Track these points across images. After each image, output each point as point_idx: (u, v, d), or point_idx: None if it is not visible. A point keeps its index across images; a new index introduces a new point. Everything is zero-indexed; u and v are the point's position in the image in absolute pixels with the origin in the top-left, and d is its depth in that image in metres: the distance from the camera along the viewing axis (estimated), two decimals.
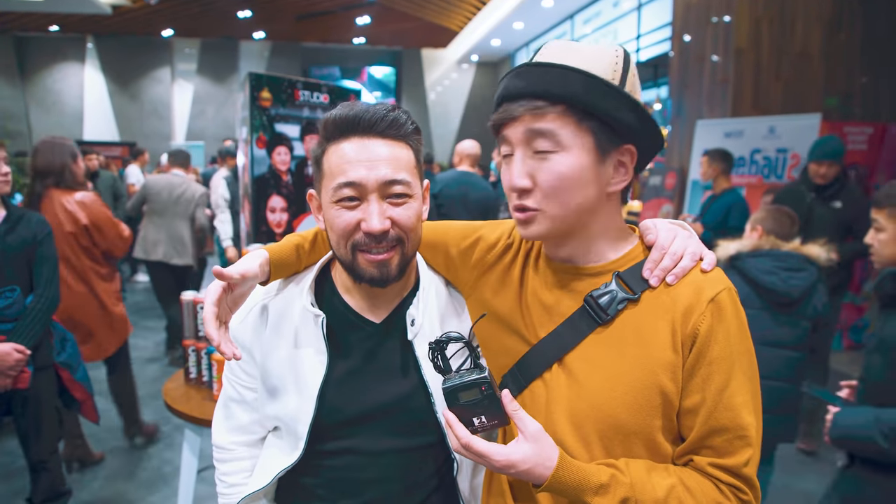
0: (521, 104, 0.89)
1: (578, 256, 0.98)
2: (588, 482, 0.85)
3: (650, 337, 0.89)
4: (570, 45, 0.91)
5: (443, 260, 1.18)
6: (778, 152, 5.24)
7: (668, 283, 0.91)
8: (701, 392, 0.88)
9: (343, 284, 1.15)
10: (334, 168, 1.03)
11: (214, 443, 1.22)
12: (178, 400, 2.23)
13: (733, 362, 0.88)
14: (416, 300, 1.13)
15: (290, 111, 3.17)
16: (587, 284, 0.96)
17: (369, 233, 1.01)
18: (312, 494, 1.13)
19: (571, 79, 0.87)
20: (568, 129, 0.88)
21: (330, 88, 3.35)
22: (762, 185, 5.32)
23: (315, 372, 1.08)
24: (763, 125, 5.36)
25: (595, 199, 0.92)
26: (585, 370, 0.93)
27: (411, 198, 1.05)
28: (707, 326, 0.87)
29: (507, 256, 1.09)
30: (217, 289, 1.01)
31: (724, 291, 0.89)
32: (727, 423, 0.87)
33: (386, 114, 1.03)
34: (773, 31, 5.71)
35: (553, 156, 0.88)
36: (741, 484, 0.88)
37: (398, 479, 1.11)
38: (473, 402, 0.88)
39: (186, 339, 2.39)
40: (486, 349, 1.08)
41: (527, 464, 0.85)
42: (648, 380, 0.89)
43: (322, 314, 1.09)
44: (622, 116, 0.88)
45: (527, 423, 0.88)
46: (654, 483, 0.86)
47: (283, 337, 1.12)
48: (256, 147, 3.06)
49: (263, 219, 3.12)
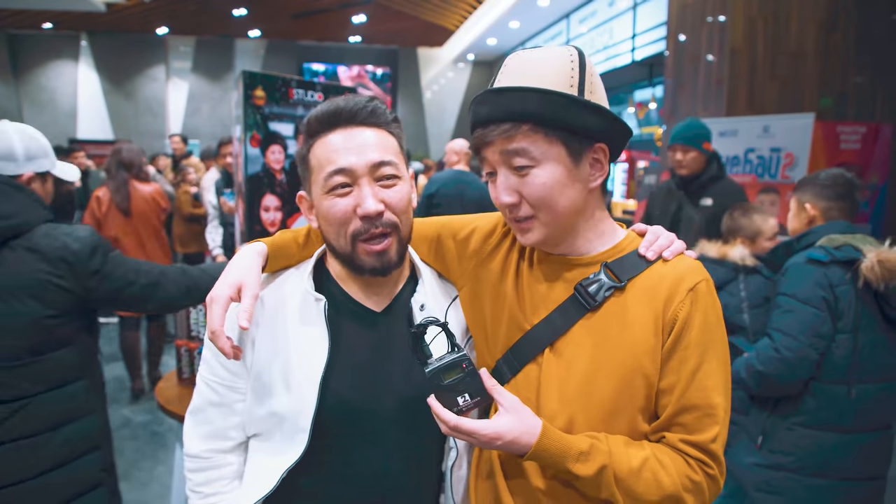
0: (491, 129, 0.96)
1: (570, 249, 1.04)
2: (570, 449, 0.92)
3: (634, 322, 0.97)
4: (527, 60, 0.97)
5: (437, 252, 1.21)
6: (772, 151, 5.26)
7: (665, 258, 1.00)
8: (676, 373, 0.95)
9: (340, 275, 1.14)
10: (322, 160, 1.05)
11: (186, 452, 1.16)
12: (172, 400, 2.22)
13: (707, 348, 0.95)
14: (420, 286, 1.15)
15: (284, 109, 3.15)
16: (577, 274, 1.03)
17: (366, 216, 1.02)
18: (314, 496, 1.08)
19: (529, 99, 0.93)
20: (538, 145, 0.95)
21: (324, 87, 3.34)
22: (756, 185, 5.34)
23: (317, 359, 1.05)
24: (757, 125, 5.38)
25: (580, 198, 1.00)
26: (574, 353, 1.00)
27: (401, 179, 1.08)
28: (686, 313, 0.95)
29: (505, 244, 1.14)
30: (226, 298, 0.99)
31: (702, 282, 0.97)
32: (698, 402, 0.94)
33: (366, 104, 1.07)
34: (768, 30, 5.73)
35: (531, 170, 0.96)
36: (707, 458, 0.95)
37: (402, 473, 1.09)
38: (456, 381, 0.93)
39: (179, 339, 2.38)
40: (484, 334, 1.12)
41: (512, 434, 0.91)
42: (631, 363, 0.96)
43: (323, 298, 1.08)
44: (585, 122, 0.95)
45: (505, 397, 0.95)
46: (630, 454, 0.93)
47: (279, 328, 1.09)
48: (250, 146, 3.05)
49: (257, 218, 3.10)
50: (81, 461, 1.56)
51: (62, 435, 1.51)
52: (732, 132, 5.55)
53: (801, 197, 2.21)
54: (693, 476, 0.93)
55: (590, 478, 0.92)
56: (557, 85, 0.94)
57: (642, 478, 0.92)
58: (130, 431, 3.86)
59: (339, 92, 3.43)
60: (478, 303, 1.14)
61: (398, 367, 1.10)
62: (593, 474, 0.91)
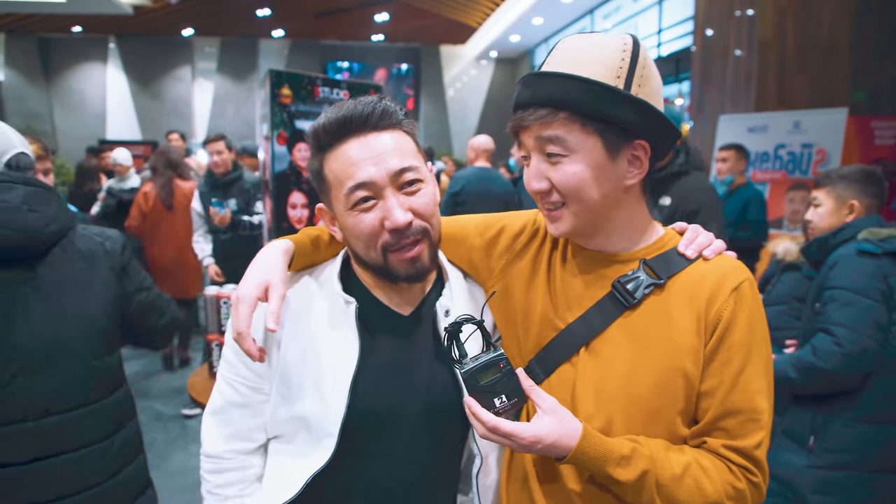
0: (529, 113, 0.94)
1: (606, 245, 1.02)
2: (611, 453, 0.89)
3: (675, 322, 0.94)
4: (578, 47, 0.95)
5: (465, 252, 1.18)
6: (803, 147, 5.15)
7: (706, 257, 0.97)
8: (719, 375, 0.92)
9: (367, 280, 1.11)
10: (340, 174, 1.00)
11: (205, 452, 1.12)
12: (203, 393, 2.26)
13: (751, 349, 0.92)
14: (446, 291, 1.12)
15: (310, 108, 3.17)
16: (615, 271, 1.00)
17: (395, 229, 0.98)
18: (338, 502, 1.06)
19: (569, 86, 0.91)
20: (574, 134, 0.92)
21: (349, 84, 3.35)
22: (786, 181, 5.23)
23: (346, 362, 1.03)
24: (788, 120, 5.27)
25: (613, 194, 0.96)
26: (612, 353, 0.97)
27: (424, 182, 1.04)
28: (730, 313, 0.92)
29: (535, 243, 1.12)
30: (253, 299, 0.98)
31: (746, 282, 0.94)
32: (742, 406, 0.91)
33: (375, 106, 1.01)
34: (799, 23, 5.60)
35: (563, 159, 0.93)
36: (751, 465, 0.91)
37: (429, 480, 1.08)
38: (493, 382, 0.90)
39: (210, 334, 2.41)
40: (515, 334, 1.09)
41: (552, 436, 0.88)
42: (672, 363, 0.93)
43: (353, 301, 1.05)
44: (625, 116, 0.91)
45: (543, 398, 0.92)
46: (672, 459, 0.90)
47: (307, 328, 1.06)
48: (277, 143, 3.07)
49: (284, 215, 3.13)
50: (134, 465, 1.57)
51: (118, 441, 1.52)
52: (762, 128, 5.45)
53: (843, 193, 2.16)
54: (736, 483, 0.90)
55: (631, 483, 0.89)
56: (603, 75, 0.91)
57: (684, 484, 0.89)
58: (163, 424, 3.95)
59: (364, 89, 3.44)
60: (508, 302, 1.10)
61: (423, 372, 1.08)
62: (634, 479, 0.89)
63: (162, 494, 1.73)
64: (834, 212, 2.18)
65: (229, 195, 4.12)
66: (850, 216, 2.14)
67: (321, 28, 14.83)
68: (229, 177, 4.18)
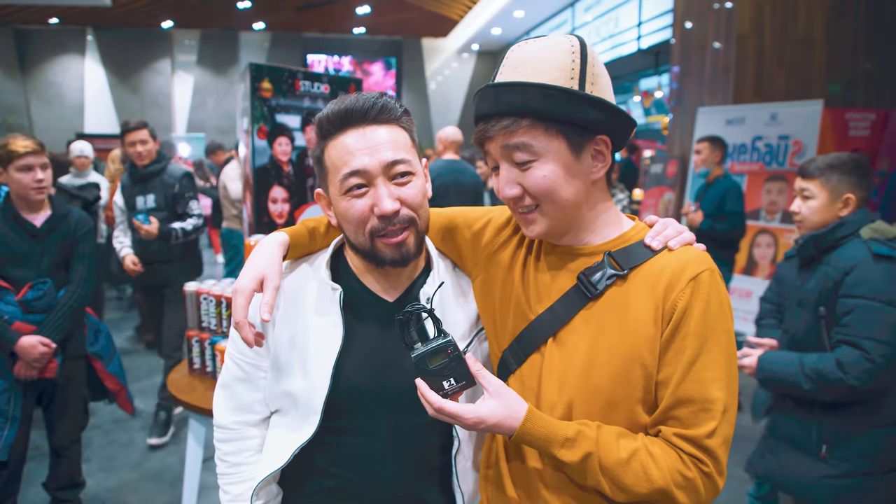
0: (492, 124, 0.97)
1: (575, 241, 1.05)
2: (555, 435, 0.93)
3: (633, 312, 0.96)
4: (528, 53, 0.98)
5: (453, 243, 1.24)
6: (780, 139, 5.23)
7: (671, 247, 0.99)
8: (674, 364, 0.93)
9: (357, 266, 1.19)
10: (337, 161, 1.07)
11: (216, 423, 1.24)
12: (183, 390, 2.25)
13: (707, 339, 0.93)
14: (430, 278, 1.18)
15: (290, 101, 3.16)
16: (581, 263, 1.04)
17: (383, 215, 1.05)
18: (325, 472, 1.15)
19: (529, 94, 0.94)
20: (539, 139, 0.95)
21: (330, 79, 3.34)
22: (764, 173, 5.31)
23: (330, 345, 1.11)
24: (765, 112, 5.35)
25: (582, 190, 1.00)
26: (575, 343, 1.00)
27: (415, 175, 1.10)
28: (685, 303, 0.93)
29: (515, 238, 1.16)
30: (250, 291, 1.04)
31: (706, 272, 0.95)
32: (694, 395, 0.92)
33: (376, 101, 1.08)
34: (776, 16, 5.68)
35: (532, 164, 0.96)
36: (703, 455, 0.92)
37: (408, 456, 1.14)
38: (442, 366, 0.95)
39: (190, 330, 2.41)
40: (494, 325, 1.14)
41: (494, 417, 0.93)
42: (630, 352, 0.95)
43: (339, 287, 1.13)
44: (585, 115, 0.95)
45: (490, 381, 0.96)
46: (621, 445, 0.93)
47: (298, 312, 1.15)
48: (258, 138, 3.06)
49: (265, 209, 3.12)
50: None
51: None
52: (739, 120, 5.52)
53: (837, 186, 2.01)
54: (685, 472, 0.91)
55: (574, 464, 0.93)
56: (557, 79, 0.94)
57: (630, 469, 0.91)
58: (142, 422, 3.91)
59: (345, 83, 3.43)
60: (488, 294, 1.16)
61: (403, 355, 1.12)
62: (577, 461, 0.92)
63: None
64: (828, 205, 2.03)
65: (148, 189, 3.70)
66: (845, 210, 2.01)
67: (302, 21, 14.72)
68: (149, 169, 3.69)
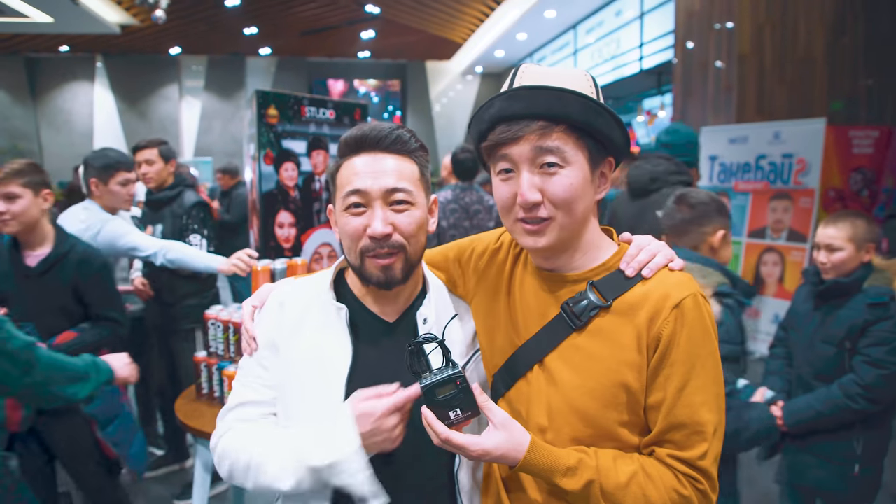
0: (524, 124, 0.96)
1: (564, 265, 1.07)
2: (558, 464, 0.95)
3: (618, 340, 0.98)
4: (547, 70, 1.01)
5: (449, 276, 1.28)
6: (784, 157, 5.24)
7: (644, 276, 1.00)
8: (663, 390, 0.96)
9: (358, 288, 1.22)
10: (344, 180, 1.14)
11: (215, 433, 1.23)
12: (190, 415, 2.25)
13: (693, 364, 0.95)
14: (426, 301, 1.20)
15: (296, 127, 3.21)
16: (567, 292, 1.05)
17: (373, 236, 1.09)
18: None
19: (568, 100, 0.95)
20: (570, 146, 0.97)
21: (335, 104, 3.39)
22: (768, 191, 5.32)
23: (341, 363, 1.13)
24: (768, 131, 5.37)
25: (590, 208, 1.02)
26: (561, 370, 1.02)
27: (413, 206, 1.13)
28: (669, 331, 0.95)
29: (497, 259, 1.19)
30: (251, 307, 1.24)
31: (688, 298, 0.96)
32: (685, 420, 0.95)
33: (390, 131, 1.14)
34: (776, 36, 5.73)
35: (561, 170, 0.97)
36: (697, 475, 0.95)
37: (414, 474, 1.15)
38: (450, 397, 0.97)
39: (198, 356, 2.42)
40: (484, 348, 1.17)
41: (500, 450, 0.94)
42: (614, 378, 0.98)
43: (344, 307, 1.16)
44: (611, 133, 0.98)
45: (495, 413, 0.97)
46: (619, 469, 0.95)
47: (304, 332, 1.17)
48: (264, 163, 3.10)
49: (272, 234, 3.15)
50: None
51: None
52: (743, 139, 5.54)
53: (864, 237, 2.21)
54: (681, 490, 0.94)
55: (577, 492, 0.94)
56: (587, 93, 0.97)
57: (630, 492, 0.94)
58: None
59: (350, 109, 3.48)
60: (479, 318, 1.20)
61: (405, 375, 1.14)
62: (580, 489, 0.94)
63: None
64: (854, 257, 2.22)
65: (158, 218, 3.26)
66: (867, 256, 2.22)
67: (308, 46, 14.92)
68: (162, 195, 3.26)
